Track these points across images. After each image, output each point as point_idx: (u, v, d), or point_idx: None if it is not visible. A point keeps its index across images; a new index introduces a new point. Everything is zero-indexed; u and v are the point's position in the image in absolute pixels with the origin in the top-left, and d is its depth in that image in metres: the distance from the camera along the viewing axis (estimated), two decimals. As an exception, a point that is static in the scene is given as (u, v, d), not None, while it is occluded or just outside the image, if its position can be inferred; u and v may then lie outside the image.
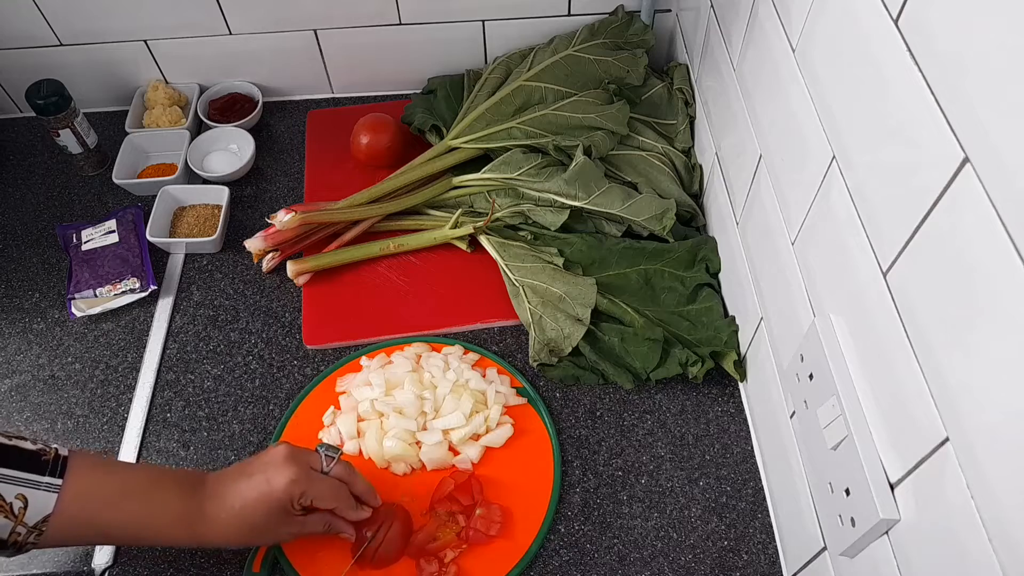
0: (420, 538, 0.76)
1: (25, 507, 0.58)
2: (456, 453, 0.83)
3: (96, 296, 0.95)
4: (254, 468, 0.68)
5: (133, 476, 0.66)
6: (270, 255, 0.98)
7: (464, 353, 0.90)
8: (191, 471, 0.69)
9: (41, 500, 0.59)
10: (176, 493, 0.66)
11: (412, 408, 0.83)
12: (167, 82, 1.17)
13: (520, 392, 0.87)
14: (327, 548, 0.76)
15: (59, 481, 0.60)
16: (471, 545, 0.76)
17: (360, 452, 0.83)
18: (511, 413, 0.85)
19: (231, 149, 1.11)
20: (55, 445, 0.62)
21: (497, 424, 0.84)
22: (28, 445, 0.61)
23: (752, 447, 0.84)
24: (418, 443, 0.82)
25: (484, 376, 0.87)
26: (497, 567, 0.76)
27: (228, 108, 1.15)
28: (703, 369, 0.85)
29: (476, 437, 0.83)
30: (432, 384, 0.86)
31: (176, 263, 1.01)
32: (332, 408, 0.86)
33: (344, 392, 0.87)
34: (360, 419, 0.85)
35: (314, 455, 0.72)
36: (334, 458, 0.73)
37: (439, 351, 0.90)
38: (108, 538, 0.66)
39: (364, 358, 0.90)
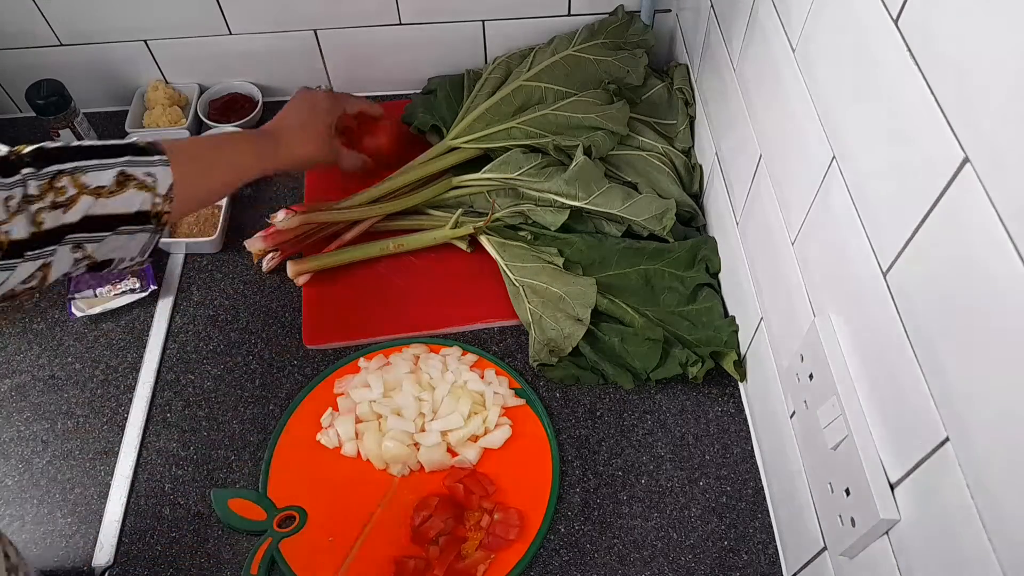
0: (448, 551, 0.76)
1: (155, 181, 0.66)
2: (454, 454, 0.82)
3: (96, 296, 0.95)
4: (292, 102, 0.90)
5: (214, 142, 0.80)
6: (270, 255, 0.98)
7: (462, 354, 0.90)
8: (252, 130, 0.93)
9: (162, 174, 0.67)
10: (250, 137, 0.87)
11: (410, 409, 0.83)
12: (167, 82, 1.17)
13: (518, 393, 0.87)
14: (323, 551, 0.76)
15: (165, 157, 0.68)
16: (492, 551, 0.76)
17: (359, 454, 0.83)
18: (509, 414, 0.85)
19: (231, 149, 1.11)
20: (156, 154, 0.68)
21: (495, 425, 0.84)
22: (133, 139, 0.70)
23: (752, 447, 0.84)
24: (416, 445, 0.82)
25: (482, 377, 0.87)
26: (497, 567, 0.76)
27: (228, 108, 1.15)
28: (703, 369, 0.85)
29: (474, 438, 0.83)
30: (430, 385, 0.86)
31: (176, 263, 1.01)
32: (330, 410, 0.86)
33: (342, 394, 0.87)
34: (358, 421, 0.85)
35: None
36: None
37: (437, 352, 0.90)
38: (214, 193, 0.78)
39: (362, 359, 0.90)
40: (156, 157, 0.67)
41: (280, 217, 0.93)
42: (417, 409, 0.83)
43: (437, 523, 0.76)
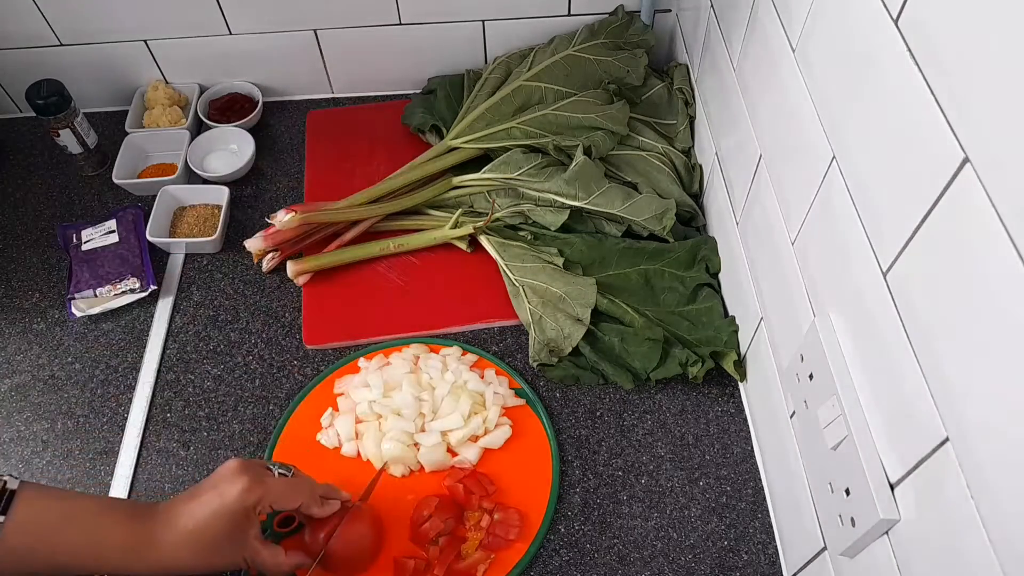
0: (446, 549, 0.75)
1: None
2: (454, 455, 0.82)
3: (96, 296, 0.95)
4: (204, 488, 0.67)
5: (78, 504, 0.64)
6: (270, 255, 0.98)
7: (462, 354, 0.90)
8: (143, 502, 0.68)
9: None
10: (123, 519, 0.64)
11: (410, 410, 0.83)
12: (167, 82, 1.17)
13: (518, 393, 0.87)
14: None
15: (0, 518, 0.59)
16: (492, 551, 0.76)
17: (358, 454, 0.83)
18: (509, 414, 0.85)
19: (231, 149, 1.11)
20: (7, 477, 0.61)
21: (495, 425, 0.84)
22: None
23: (752, 447, 0.84)
24: (416, 445, 0.82)
25: (482, 377, 0.87)
26: (497, 568, 0.75)
27: (228, 108, 1.15)
28: (703, 369, 0.85)
29: (474, 438, 0.83)
30: (430, 385, 0.86)
31: (176, 263, 1.01)
32: (330, 410, 0.86)
33: (342, 394, 0.87)
34: (358, 421, 0.84)
35: (266, 468, 0.70)
36: (286, 474, 0.71)
37: (437, 352, 0.90)
38: (55, 567, 0.63)
39: (362, 359, 0.90)
40: None
41: (280, 217, 0.93)
42: (417, 409, 0.83)
43: (437, 523, 0.76)
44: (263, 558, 0.68)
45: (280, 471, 0.71)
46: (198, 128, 1.15)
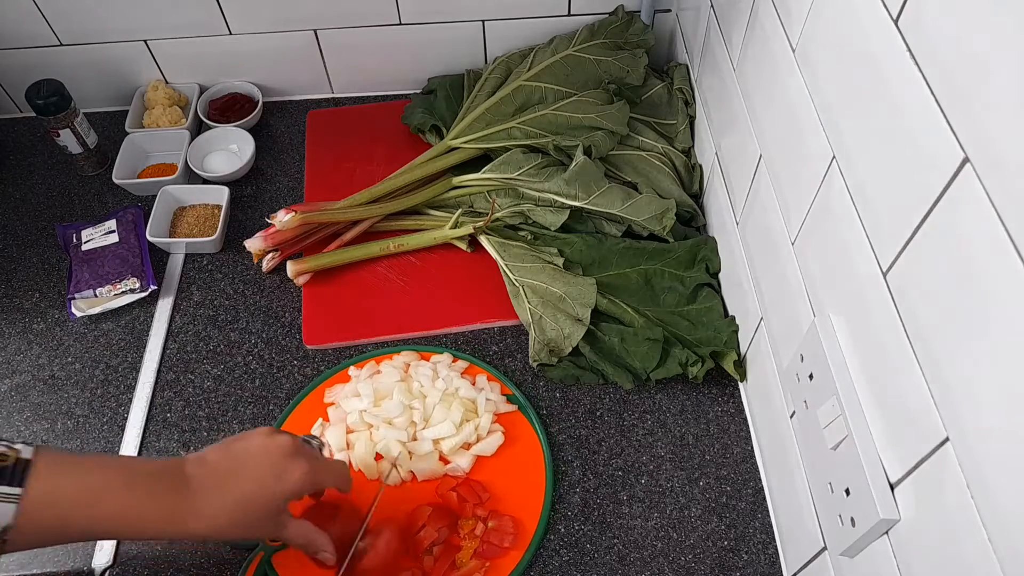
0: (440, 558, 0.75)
1: None
2: (447, 463, 0.82)
3: (96, 296, 0.95)
4: (251, 459, 0.65)
5: (106, 474, 0.60)
6: (270, 255, 0.98)
7: (453, 361, 0.89)
8: (167, 463, 0.64)
9: (2, 511, 0.54)
10: (157, 489, 0.62)
11: (401, 418, 0.82)
12: (167, 82, 1.17)
13: (510, 399, 0.86)
14: (315, 564, 0.75)
15: (18, 491, 0.55)
16: (487, 559, 0.75)
17: (350, 464, 0.82)
18: (501, 420, 0.84)
19: (231, 149, 1.11)
20: (19, 446, 0.58)
21: (488, 432, 0.83)
22: None
23: (752, 447, 0.84)
24: (408, 454, 0.81)
25: (474, 384, 0.86)
26: (492, 574, 0.75)
27: (228, 108, 1.15)
28: (703, 369, 0.85)
29: (467, 446, 0.82)
30: (421, 393, 0.85)
31: (176, 263, 1.01)
32: (320, 420, 0.85)
33: (332, 404, 0.86)
34: (349, 431, 0.83)
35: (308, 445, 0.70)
36: (318, 448, 0.73)
37: (428, 360, 0.89)
38: (86, 537, 0.62)
39: (352, 368, 0.89)
40: (3, 489, 0.55)
41: (280, 217, 0.93)
42: (408, 418, 0.82)
43: (431, 532, 0.75)
44: (291, 532, 0.67)
45: (318, 445, 0.73)
46: (198, 128, 1.15)
